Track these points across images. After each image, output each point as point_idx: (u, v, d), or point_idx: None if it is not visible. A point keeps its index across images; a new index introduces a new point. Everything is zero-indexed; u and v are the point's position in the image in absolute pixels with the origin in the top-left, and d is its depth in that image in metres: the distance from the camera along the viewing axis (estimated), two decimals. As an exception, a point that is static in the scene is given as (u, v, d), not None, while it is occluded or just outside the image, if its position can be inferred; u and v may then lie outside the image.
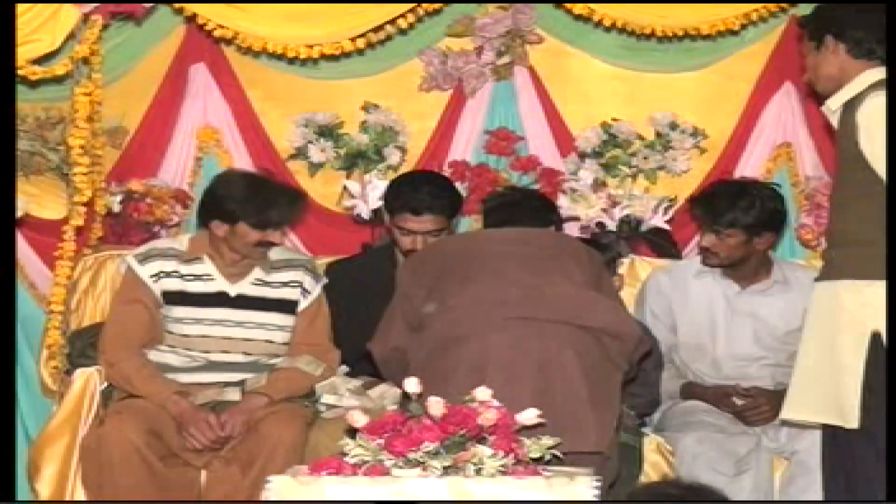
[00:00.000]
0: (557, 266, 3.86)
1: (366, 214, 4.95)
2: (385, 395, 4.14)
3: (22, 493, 4.29)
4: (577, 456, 3.44)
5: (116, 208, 4.90)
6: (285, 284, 4.38)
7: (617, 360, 3.78)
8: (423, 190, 4.45)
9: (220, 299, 4.33)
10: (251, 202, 4.23)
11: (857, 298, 3.55)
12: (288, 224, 4.41)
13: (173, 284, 4.32)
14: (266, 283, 4.37)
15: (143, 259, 4.34)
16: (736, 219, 4.34)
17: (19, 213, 4.62)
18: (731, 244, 4.38)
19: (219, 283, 4.34)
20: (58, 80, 4.52)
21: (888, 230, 3.49)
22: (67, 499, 4.16)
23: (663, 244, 5.00)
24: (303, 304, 4.39)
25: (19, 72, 4.30)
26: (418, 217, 4.41)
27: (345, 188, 5.08)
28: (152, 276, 4.32)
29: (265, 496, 3.15)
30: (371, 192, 4.93)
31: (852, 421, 3.54)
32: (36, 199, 4.84)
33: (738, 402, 4.36)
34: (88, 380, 4.29)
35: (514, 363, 3.66)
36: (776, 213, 4.45)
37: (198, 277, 4.33)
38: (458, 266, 3.89)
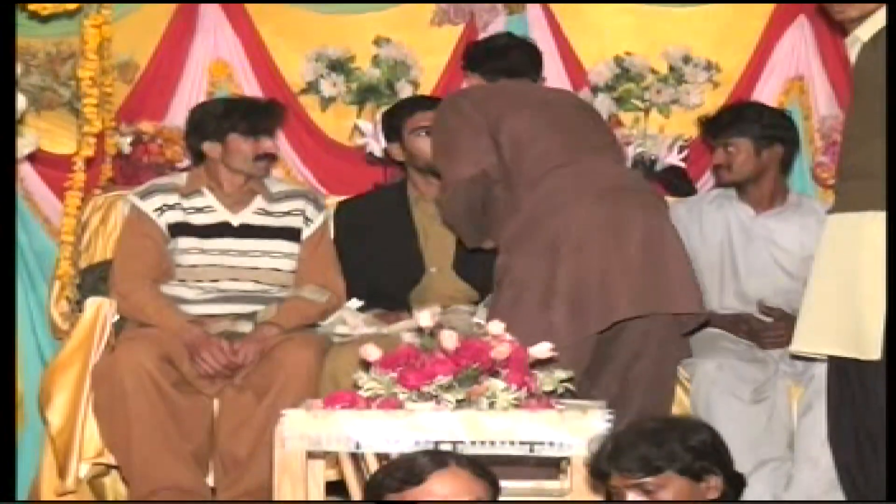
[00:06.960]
0: (604, 140, 4.14)
1: (378, 152, 4.92)
2: (405, 328, 4.12)
3: (32, 421, 4.30)
4: (676, 318, 3.91)
5: (127, 149, 4.89)
6: (287, 213, 4.40)
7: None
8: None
9: (223, 229, 4.35)
10: (235, 111, 4.35)
11: (882, 229, 3.50)
12: (275, 129, 4.45)
13: (176, 217, 4.34)
14: (268, 213, 4.38)
15: (145, 195, 4.37)
16: (743, 129, 4.40)
17: (31, 149, 4.61)
18: (741, 157, 4.41)
19: (221, 214, 4.36)
20: (69, 14, 4.50)
21: (888, 200, 3.45)
22: (79, 425, 4.10)
23: (679, 182, 4.99)
24: (306, 233, 4.40)
25: (30, 7, 4.29)
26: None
27: (356, 126, 5.07)
28: (156, 210, 4.34)
29: (279, 430, 3.17)
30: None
31: (872, 353, 3.50)
32: (48, 133, 4.83)
33: (763, 317, 4.38)
34: (100, 308, 4.25)
35: (623, 228, 3.78)
36: (783, 122, 4.50)
37: (199, 210, 4.35)
38: (526, 126, 3.96)
